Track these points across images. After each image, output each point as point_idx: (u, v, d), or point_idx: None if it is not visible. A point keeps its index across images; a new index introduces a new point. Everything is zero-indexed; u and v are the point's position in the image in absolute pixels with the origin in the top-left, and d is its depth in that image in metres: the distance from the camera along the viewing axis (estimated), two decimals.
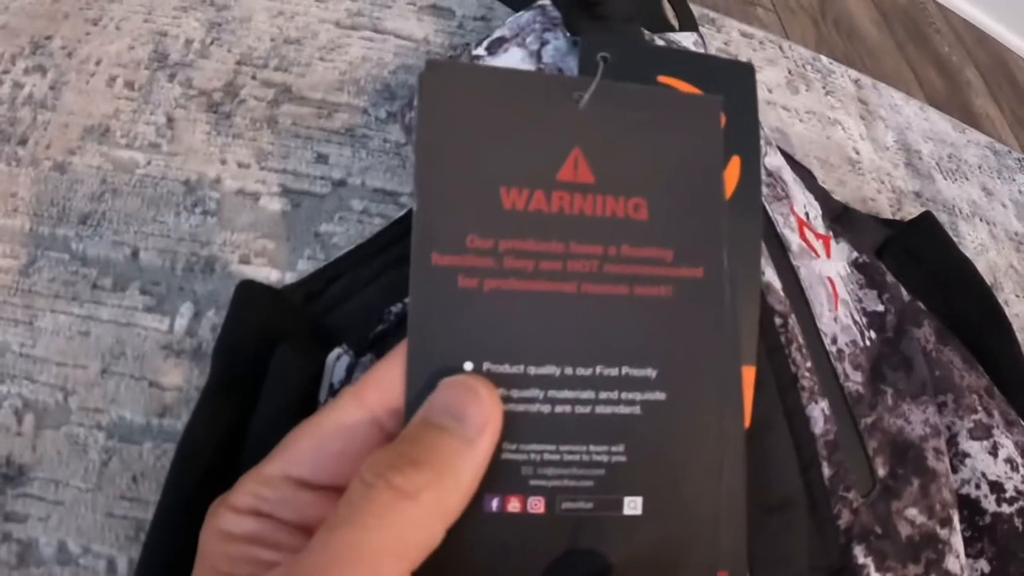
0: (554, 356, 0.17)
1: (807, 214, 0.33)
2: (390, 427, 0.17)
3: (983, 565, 0.29)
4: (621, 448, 0.17)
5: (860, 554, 0.25)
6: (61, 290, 0.28)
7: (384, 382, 0.16)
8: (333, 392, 0.25)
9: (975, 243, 0.46)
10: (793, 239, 0.30)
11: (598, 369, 0.17)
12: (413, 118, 0.31)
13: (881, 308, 0.33)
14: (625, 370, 0.17)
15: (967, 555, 0.29)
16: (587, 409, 0.17)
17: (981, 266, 0.45)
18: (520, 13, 0.30)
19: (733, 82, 0.23)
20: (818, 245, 0.32)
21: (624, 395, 0.17)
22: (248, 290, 0.26)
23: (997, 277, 0.45)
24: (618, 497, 0.17)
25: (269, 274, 0.30)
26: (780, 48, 0.49)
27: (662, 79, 0.23)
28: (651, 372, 0.17)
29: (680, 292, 0.18)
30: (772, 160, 0.32)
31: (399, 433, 0.16)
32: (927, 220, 0.41)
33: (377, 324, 0.25)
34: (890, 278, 0.34)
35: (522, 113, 0.18)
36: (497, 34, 0.29)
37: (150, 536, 0.21)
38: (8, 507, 0.25)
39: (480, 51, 0.29)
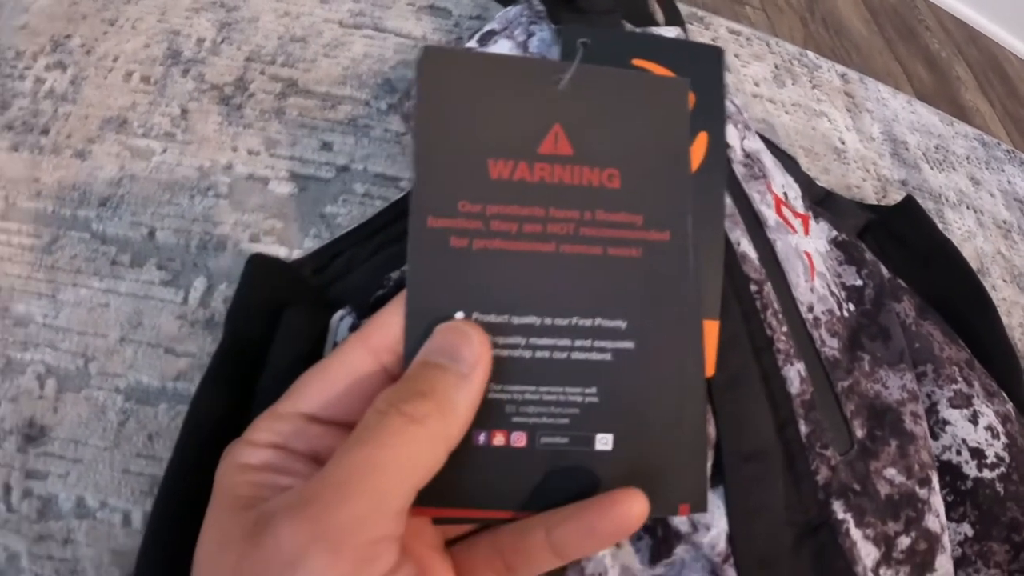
0: (535, 307, 0.19)
1: (785, 194, 0.34)
2: (391, 366, 0.18)
3: (966, 529, 0.30)
4: (594, 390, 0.19)
5: (839, 509, 0.26)
6: (83, 266, 0.30)
7: (386, 326, 0.19)
8: None
9: (961, 230, 0.47)
10: (769, 215, 0.31)
11: (574, 320, 0.19)
12: (411, 105, 0.33)
13: (860, 283, 0.34)
14: (598, 321, 0.19)
15: (950, 519, 0.29)
16: (564, 355, 0.19)
17: (968, 252, 0.46)
18: (509, 8, 0.32)
19: (702, 64, 0.25)
20: (796, 223, 0.33)
21: (597, 343, 0.19)
22: (258, 261, 0.28)
23: (984, 263, 0.46)
24: (590, 434, 0.19)
25: (277, 251, 0.32)
26: (767, 44, 0.51)
27: (636, 62, 0.25)
28: (621, 323, 0.19)
29: (648, 253, 0.20)
30: (751, 143, 0.34)
31: (399, 372, 0.18)
32: (910, 204, 0.42)
33: (378, 289, 0.27)
34: (869, 256, 0.35)
35: (508, 93, 0.20)
36: (487, 27, 0.31)
37: (163, 488, 0.23)
38: (30, 465, 0.26)
39: (472, 44, 0.31)
